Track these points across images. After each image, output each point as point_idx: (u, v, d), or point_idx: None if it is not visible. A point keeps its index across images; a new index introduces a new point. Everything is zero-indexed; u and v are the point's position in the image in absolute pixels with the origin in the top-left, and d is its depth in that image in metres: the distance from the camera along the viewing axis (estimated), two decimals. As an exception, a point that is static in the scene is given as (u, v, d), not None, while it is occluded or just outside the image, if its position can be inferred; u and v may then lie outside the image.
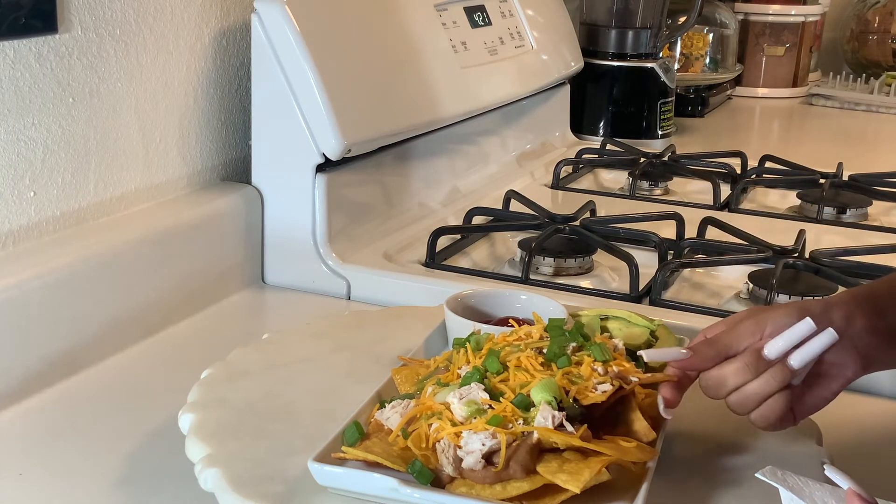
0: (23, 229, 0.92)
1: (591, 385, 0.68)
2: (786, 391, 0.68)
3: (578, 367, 0.70)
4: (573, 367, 0.69)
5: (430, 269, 1.12)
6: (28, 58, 0.90)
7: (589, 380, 0.68)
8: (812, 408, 0.72)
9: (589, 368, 0.69)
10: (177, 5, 1.06)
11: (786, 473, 0.59)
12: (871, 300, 0.73)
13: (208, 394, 0.77)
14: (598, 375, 0.69)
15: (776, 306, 0.72)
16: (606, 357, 0.71)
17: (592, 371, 0.69)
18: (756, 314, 0.72)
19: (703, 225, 1.24)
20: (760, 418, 0.69)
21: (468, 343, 0.74)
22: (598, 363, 0.70)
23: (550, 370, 0.69)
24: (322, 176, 1.11)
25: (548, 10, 1.69)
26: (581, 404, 0.67)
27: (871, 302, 0.73)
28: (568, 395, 0.67)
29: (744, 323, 0.71)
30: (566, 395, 0.67)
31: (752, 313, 0.72)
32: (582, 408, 0.67)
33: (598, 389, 0.68)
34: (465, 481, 0.63)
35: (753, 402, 0.69)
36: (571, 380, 0.68)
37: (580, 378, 0.68)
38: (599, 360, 0.70)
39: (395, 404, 0.70)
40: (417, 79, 1.25)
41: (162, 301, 1.00)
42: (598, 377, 0.69)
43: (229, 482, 0.65)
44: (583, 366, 0.70)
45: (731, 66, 2.26)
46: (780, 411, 0.69)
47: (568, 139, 1.77)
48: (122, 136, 1.01)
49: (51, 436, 0.80)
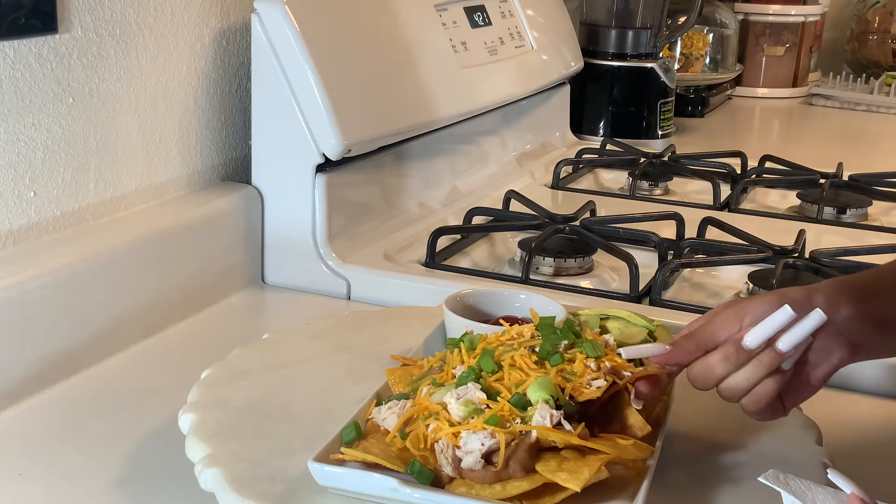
0: (23, 229, 0.92)
1: (585, 381, 0.68)
2: (776, 376, 0.68)
3: (571, 365, 0.70)
4: (566, 364, 0.69)
5: (429, 269, 1.12)
6: (28, 58, 0.90)
7: (583, 376, 0.68)
8: (801, 396, 0.71)
9: (582, 365, 0.69)
10: (177, 5, 1.06)
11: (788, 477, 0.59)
12: (856, 287, 0.72)
13: (208, 394, 0.77)
14: (592, 371, 0.69)
15: (757, 297, 0.72)
16: (598, 353, 0.71)
17: (585, 367, 0.69)
18: (735, 305, 0.72)
19: (703, 225, 1.24)
20: (751, 403, 0.69)
21: (462, 343, 0.74)
22: (590, 359, 0.70)
23: (544, 368, 0.69)
24: (322, 176, 1.11)
25: (548, 10, 1.69)
26: (577, 401, 0.67)
27: (856, 289, 0.72)
28: (563, 392, 0.67)
29: (723, 314, 0.71)
30: (562, 392, 0.67)
31: (732, 304, 0.72)
32: (578, 405, 0.67)
33: (592, 385, 0.68)
34: (465, 481, 0.63)
35: (743, 388, 0.68)
36: (565, 377, 0.68)
37: (574, 375, 0.68)
38: (591, 357, 0.70)
39: (391, 405, 0.70)
40: (417, 79, 1.25)
41: (162, 301, 1.01)
42: (592, 373, 0.69)
43: (229, 482, 0.65)
44: (576, 363, 0.70)
45: (731, 66, 2.26)
46: (770, 397, 0.68)
47: (568, 139, 1.78)
48: (122, 136, 1.01)
49: (51, 436, 0.80)
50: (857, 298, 0.71)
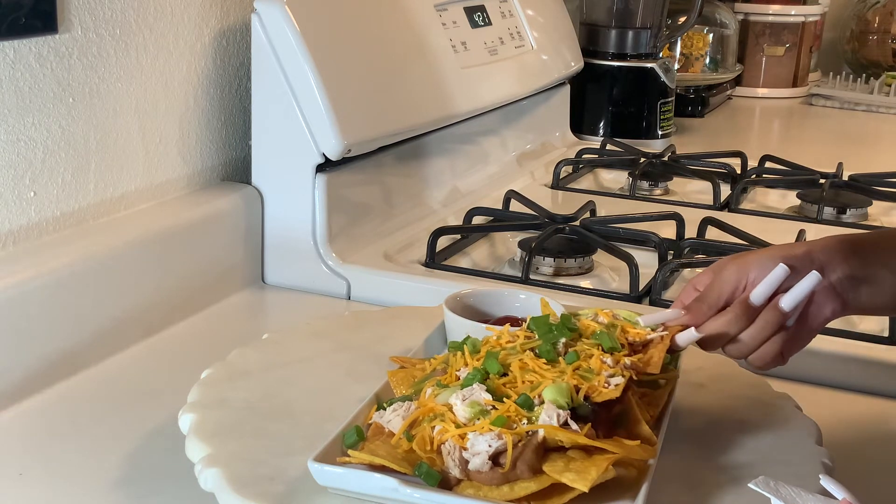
0: (23, 229, 0.92)
1: (603, 380, 0.67)
2: (780, 333, 0.72)
3: (588, 361, 0.69)
4: (582, 360, 0.69)
5: (430, 269, 1.12)
6: (28, 58, 0.90)
7: (599, 374, 0.68)
8: (798, 346, 0.75)
9: (599, 361, 0.69)
10: (177, 5, 1.06)
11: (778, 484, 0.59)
12: (856, 247, 0.75)
13: (208, 394, 0.77)
14: (608, 367, 0.69)
15: (759, 251, 0.76)
16: (614, 345, 0.71)
17: (602, 364, 0.69)
18: (739, 259, 0.75)
19: (703, 225, 1.24)
20: (758, 359, 0.73)
21: (465, 346, 0.73)
22: (606, 355, 0.70)
23: (558, 368, 0.69)
24: (322, 176, 1.11)
25: (548, 10, 1.69)
26: (593, 402, 0.66)
27: (856, 248, 0.75)
28: (579, 392, 0.66)
29: (727, 270, 0.75)
30: (577, 392, 0.66)
31: (735, 259, 0.76)
32: (594, 406, 0.66)
33: (609, 384, 0.67)
34: (472, 483, 0.63)
35: (752, 347, 0.73)
36: (582, 375, 0.67)
37: (590, 373, 0.68)
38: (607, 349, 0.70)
39: (395, 407, 0.69)
40: (417, 79, 1.25)
41: (162, 301, 1.01)
42: (608, 369, 0.68)
43: (229, 482, 0.65)
44: (592, 359, 0.69)
45: (731, 66, 2.26)
46: (775, 353, 0.73)
47: (568, 139, 1.78)
48: (122, 136, 1.01)
49: (51, 436, 0.80)
50: (853, 257, 0.74)
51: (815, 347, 0.93)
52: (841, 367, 0.93)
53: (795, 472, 0.69)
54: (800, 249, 0.74)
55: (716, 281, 0.75)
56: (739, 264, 0.74)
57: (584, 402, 0.66)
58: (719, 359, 0.87)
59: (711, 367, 0.85)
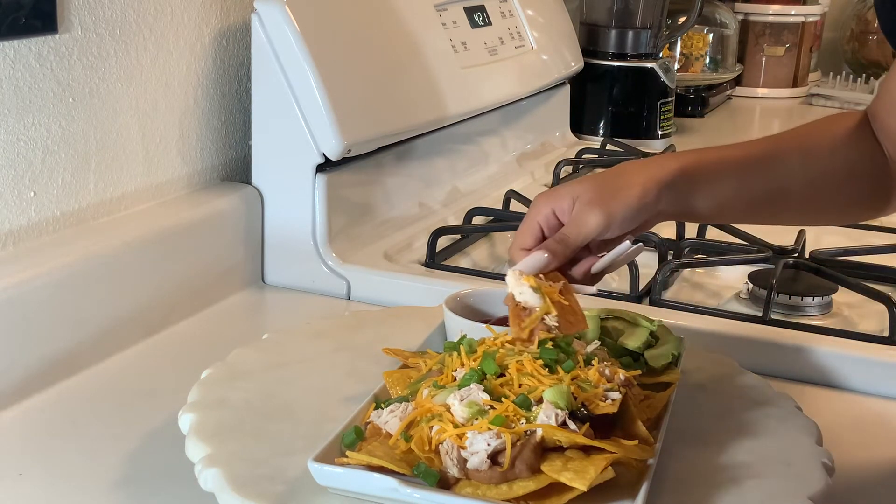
0: (23, 229, 0.92)
1: (601, 392, 0.68)
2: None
3: (586, 371, 0.69)
4: (579, 370, 0.69)
5: (429, 269, 1.12)
6: (28, 58, 0.90)
7: (598, 386, 0.68)
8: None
9: (597, 374, 0.69)
10: (177, 5, 1.06)
11: None
12: (690, 180, 0.82)
13: (208, 394, 0.77)
14: (606, 381, 0.69)
15: (580, 185, 0.80)
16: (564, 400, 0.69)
17: (600, 377, 0.69)
18: (552, 196, 0.81)
19: (702, 224, 1.24)
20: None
21: (461, 346, 0.73)
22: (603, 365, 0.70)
23: (556, 375, 0.69)
24: (322, 176, 1.11)
25: (548, 10, 1.69)
26: (591, 412, 0.66)
27: (687, 185, 0.81)
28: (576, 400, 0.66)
29: (540, 205, 0.80)
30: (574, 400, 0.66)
31: (546, 196, 0.81)
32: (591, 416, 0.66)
33: (607, 398, 0.67)
34: (471, 482, 0.63)
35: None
36: (580, 385, 0.68)
37: (588, 384, 0.68)
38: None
39: (392, 408, 0.69)
40: (417, 79, 1.25)
41: (162, 301, 1.01)
42: (605, 383, 0.69)
43: (229, 482, 0.65)
44: (591, 370, 0.69)
45: (731, 66, 2.26)
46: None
47: (568, 139, 1.78)
48: (122, 136, 1.01)
49: (51, 436, 0.80)
50: (680, 199, 0.81)
51: (816, 347, 0.94)
52: (841, 367, 0.93)
53: (795, 472, 0.69)
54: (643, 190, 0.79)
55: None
56: (552, 198, 0.80)
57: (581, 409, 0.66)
58: (719, 359, 0.87)
59: (711, 367, 0.85)
